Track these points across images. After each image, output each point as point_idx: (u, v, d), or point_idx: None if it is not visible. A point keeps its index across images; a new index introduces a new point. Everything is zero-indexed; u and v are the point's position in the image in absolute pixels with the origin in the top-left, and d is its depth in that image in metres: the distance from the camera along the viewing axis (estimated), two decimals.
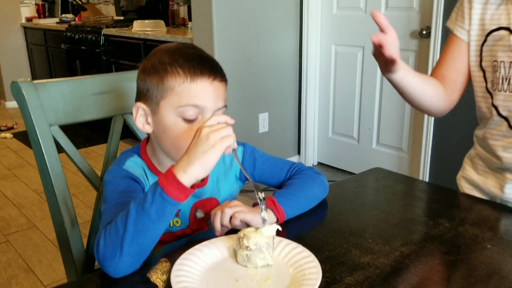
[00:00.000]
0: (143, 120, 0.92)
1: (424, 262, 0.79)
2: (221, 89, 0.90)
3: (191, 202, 0.98)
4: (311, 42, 3.10)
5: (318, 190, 0.98)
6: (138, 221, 0.73)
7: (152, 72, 0.88)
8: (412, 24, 2.59)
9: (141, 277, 0.75)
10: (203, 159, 0.73)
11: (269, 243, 0.76)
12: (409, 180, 1.21)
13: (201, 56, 0.90)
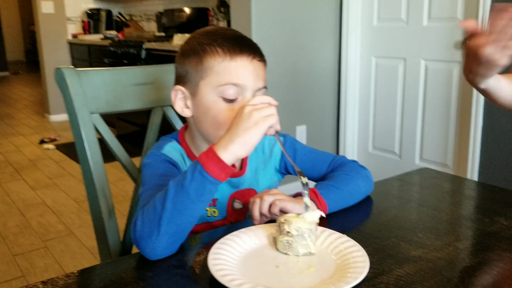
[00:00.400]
0: (182, 103, 0.90)
1: (481, 257, 0.72)
2: (261, 69, 0.89)
3: (229, 192, 0.94)
4: (351, 54, 3.06)
5: (363, 184, 0.93)
6: (177, 199, 0.71)
7: (191, 54, 0.87)
8: (455, 34, 2.51)
9: (177, 261, 0.72)
10: (245, 136, 0.71)
11: (312, 230, 0.71)
12: (459, 179, 1.14)
13: (240, 36, 0.89)
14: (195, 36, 0.90)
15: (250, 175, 0.97)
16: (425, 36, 2.68)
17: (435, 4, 2.60)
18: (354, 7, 2.99)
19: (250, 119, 0.71)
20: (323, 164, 0.98)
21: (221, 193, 0.94)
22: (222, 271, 0.65)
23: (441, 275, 0.66)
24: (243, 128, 0.71)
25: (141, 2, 5.14)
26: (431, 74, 2.70)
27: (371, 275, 0.66)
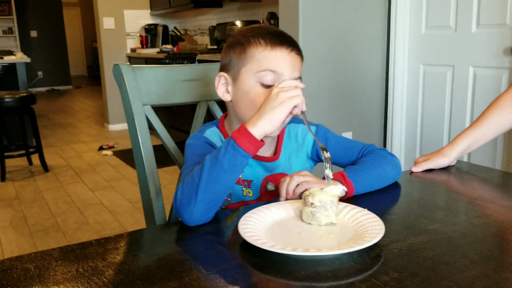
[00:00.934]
0: (224, 88, 1.00)
1: (495, 233, 0.76)
2: (298, 61, 0.98)
3: (263, 175, 1.03)
4: (399, 62, 3.07)
5: (390, 170, 0.98)
6: (212, 170, 0.80)
7: (236, 45, 0.98)
8: (505, 40, 2.48)
9: (212, 228, 0.81)
10: (272, 114, 0.80)
11: (334, 201, 0.78)
12: (490, 169, 1.16)
13: (281, 32, 0.99)
14: (242, 31, 1.01)
15: (283, 160, 1.05)
16: (473, 42, 2.66)
17: (483, 11, 2.58)
18: (402, 14, 3.01)
19: (277, 99, 0.81)
20: (353, 151, 1.04)
21: (256, 176, 1.03)
22: (250, 233, 0.73)
23: (452, 244, 0.71)
24: (270, 107, 0.81)
25: (196, 18, 5.38)
26: (479, 81, 2.67)
27: (386, 241, 0.72)
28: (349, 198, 0.90)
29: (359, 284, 0.60)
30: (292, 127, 1.08)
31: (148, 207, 1.10)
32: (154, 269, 0.66)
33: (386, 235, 0.73)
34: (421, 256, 0.67)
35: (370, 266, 0.65)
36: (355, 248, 0.67)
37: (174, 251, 0.75)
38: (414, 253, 0.68)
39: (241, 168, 0.82)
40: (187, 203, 0.80)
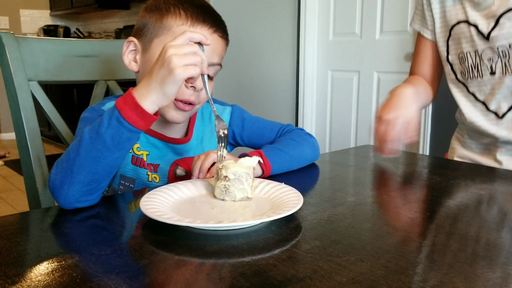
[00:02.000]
0: (132, 56, 0.87)
1: (413, 200, 0.73)
2: (220, 45, 0.87)
3: (172, 158, 0.92)
4: (308, 67, 3.12)
5: (308, 150, 0.93)
6: (92, 147, 0.66)
7: (154, 10, 0.85)
8: (406, 47, 2.62)
9: (95, 212, 0.69)
10: (163, 86, 0.65)
11: (249, 174, 0.70)
12: (406, 153, 1.17)
13: (209, 7, 0.87)
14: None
15: (195, 143, 0.95)
16: (377, 49, 2.78)
17: (386, 19, 2.71)
18: (310, 22, 3.07)
19: (168, 66, 0.65)
20: (271, 132, 0.98)
21: (164, 159, 0.92)
22: (153, 209, 0.63)
23: (373, 213, 0.67)
24: (161, 76, 0.65)
25: (101, 20, 5.12)
26: (383, 85, 2.79)
27: (305, 213, 0.66)
28: (265, 177, 0.83)
29: (280, 255, 0.53)
30: (205, 107, 0.98)
31: (33, 198, 0.95)
32: (28, 255, 0.54)
33: (304, 207, 0.67)
34: (341, 225, 0.62)
35: (290, 237, 0.58)
36: (273, 217, 0.59)
37: (50, 237, 0.62)
38: (334, 222, 0.63)
39: (129, 145, 0.69)
40: (60, 185, 0.66)
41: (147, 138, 0.91)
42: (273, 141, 0.96)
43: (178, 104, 0.84)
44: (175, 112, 0.85)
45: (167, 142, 0.92)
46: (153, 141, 0.91)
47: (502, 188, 0.80)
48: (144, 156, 0.90)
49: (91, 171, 0.67)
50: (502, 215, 0.69)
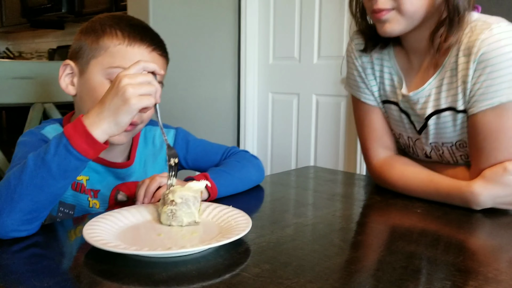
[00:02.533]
0: (69, 80, 0.85)
1: (358, 221, 0.76)
2: (160, 63, 0.85)
3: (113, 183, 0.90)
4: (249, 90, 3.17)
5: (254, 172, 0.94)
6: (36, 174, 0.63)
7: (89, 32, 0.83)
8: (342, 71, 2.73)
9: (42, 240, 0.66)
10: (116, 115, 0.65)
11: (197, 198, 0.70)
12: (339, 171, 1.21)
13: (146, 26, 0.86)
14: (101, 17, 0.86)
15: (138, 167, 0.93)
16: (315, 72, 2.87)
17: (323, 44, 2.82)
18: (251, 45, 3.13)
19: (123, 95, 0.64)
20: (216, 154, 0.98)
21: (105, 184, 0.89)
22: (97, 237, 0.61)
23: (319, 234, 0.69)
24: (115, 105, 0.65)
25: (33, 39, 4.93)
26: (321, 107, 2.88)
27: (253, 236, 0.66)
28: (212, 200, 0.83)
29: (230, 280, 0.53)
30: (148, 130, 0.97)
31: None
32: None
33: (253, 231, 0.67)
34: (290, 247, 0.63)
35: (240, 261, 0.58)
36: (222, 242, 0.59)
37: None
38: (283, 244, 0.64)
39: (75, 174, 0.67)
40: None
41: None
42: (219, 164, 0.96)
43: None
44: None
45: (108, 166, 0.89)
46: (94, 165, 0.88)
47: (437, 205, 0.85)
48: (84, 181, 0.87)
49: (33, 200, 0.64)
50: (437, 233, 0.73)
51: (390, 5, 0.82)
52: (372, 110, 0.98)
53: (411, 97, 0.89)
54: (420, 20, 0.84)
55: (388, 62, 0.94)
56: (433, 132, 0.90)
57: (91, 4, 3.55)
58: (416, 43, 0.89)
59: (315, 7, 2.83)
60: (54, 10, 3.71)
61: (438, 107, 0.87)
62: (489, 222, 0.77)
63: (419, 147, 0.95)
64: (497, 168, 0.79)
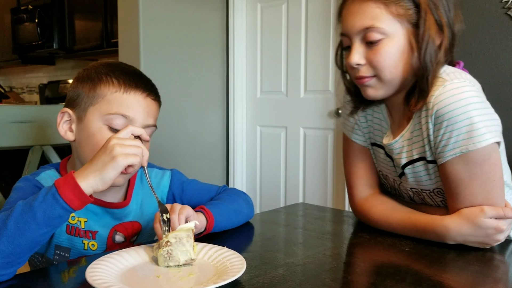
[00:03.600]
0: (67, 126, 0.89)
1: (346, 260, 0.80)
2: (154, 108, 0.91)
3: (111, 224, 0.93)
4: (238, 124, 3.23)
5: (245, 206, 1.00)
6: (21, 218, 0.67)
7: (86, 80, 0.88)
8: (329, 105, 2.80)
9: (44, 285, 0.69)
10: (103, 170, 0.71)
11: (190, 235, 0.73)
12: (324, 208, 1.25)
13: (140, 73, 0.92)
14: (95, 65, 0.91)
15: (135, 207, 0.96)
16: (302, 106, 2.94)
17: (310, 78, 2.90)
18: (239, 80, 3.21)
19: (111, 153, 0.71)
20: (209, 192, 1.03)
21: (102, 225, 0.92)
22: (100, 280, 0.64)
23: (311, 274, 0.72)
24: (102, 161, 0.71)
25: (23, 75, 4.97)
26: (309, 140, 2.94)
27: (248, 276, 0.70)
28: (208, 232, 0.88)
29: None
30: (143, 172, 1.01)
31: None
32: None
33: (247, 271, 0.71)
34: (283, 287, 0.66)
35: None
36: (219, 284, 0.62)
37: None
38: (276, 285, 0.67)
39: (58, 223, 0.71)
40: None
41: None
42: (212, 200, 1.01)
43: None
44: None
45: (106, 207, 0.93)
46: (92, 207, 0.91)
47: (423, 243, 0.89)
48: (82, 223, 0.90)
49: (14, 243, 0.67)
50: (422, 272, 0.77)
51: (370, 73, 0.89)
52: (360, 150, 1.04)
53: (388, 146, 0.96)
54: (399, 85, 0.90)
55: (378, 108, 1.00)
56: (411, 180, 0.95)
57: (82, 40, 3.63)
58: (394, 101, 0.96)
59: (301, 42, 2.93)
60: (45, 46, 3.78)
61: (411, 157, 0.92)
62: (477, 261, 0.81)
63: (403, 190, 0.99)
64: (475, 208, 0.84)
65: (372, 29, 0.86)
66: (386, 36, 0.86)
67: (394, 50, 0.86)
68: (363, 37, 0.88)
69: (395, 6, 0.85)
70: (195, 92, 3.01)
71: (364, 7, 0.87)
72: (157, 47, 2.75)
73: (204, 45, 3.05)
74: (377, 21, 0.86)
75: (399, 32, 0.86)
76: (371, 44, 0.87)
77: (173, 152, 2.90)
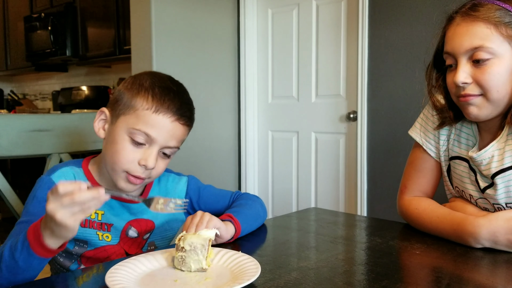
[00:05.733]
0: (101, 124, 0.93)
1: (359, 263, 0.81)
2: (181, 131, 0.92)
3: (127, 219, 0.96)
4: (249, 129, 3.25)
5: (261, 210, 1.03)
6: (10, 266, 0.74)
7: (129, 88, 0.91)
8: (340, 109, 2.81)
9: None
10: (58, 234, 0.71)
11: (205, 246, 0.75)
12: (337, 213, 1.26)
13: (179, 92, 0.93)
14: (144, 74, 0.94)
15: None
16: (314, 111, 2.96)
17: (321, 83, 2.91)
18: (250, 86, 3.23)
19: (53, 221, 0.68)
20: (225, 197, 1.07)
21: (119, 219, 0.95)
22: (120, 285, 0.66)
23: (323, 277, 0.73)
24: (51, 228, 0.70)
25: (36, 82, 5.05)
26: (320, 144, 2.95)
27: (262, 280, 0.71)
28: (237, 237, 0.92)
29: None
30: (162, 175, 1.03)
31: None
32: None
33: (261, 275, 0.72)
34: None
35: None
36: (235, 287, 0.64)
37: None
38: None
39: (41, 266, 0.76)
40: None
41: None
42: (230, 206, 1.03)
43: (129, 177, 0.90)
44: (125, 183, 0.91)
45: (123, 201, 0.95)
46: (109, 201, 0.94)
47: (435, 246, 0.90)
48: (99, 216, 0.94)
49: (12, 281, 0.75)
50: (435, 274, 0.78)
51: (477, 91, 0.90)
52: (427, 159, 1.07)
53: (476, 157, 0.95)
54: (504, 106, 0.91)
55: (468, 124, 1.01)
56: (501, 191, 0.93)
57: (95, 47, 3.68)
58: (488, 123, 0.96)
59: (312, 47, 2.95)
60: (58, 54, 3.84)
61: (502, 166, 0.92)
62: (487, 259, 0.82)
63: (481, 206, 0.99)
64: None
65: (481, 49, 0.88)
66: (494, 56, 0.88)
67: (502, 70, 0.88)
68: (470, 56, 0.90)
69: (505, 28, 0.87)
70: (207, 97, 3.04)
71: (475, 27, 0.89)
72: (169, 53, 2.78)
73: (215, 51, 3.08)
74: (487, 41, 0.87)
75: (508, 53, 0.88)
76: (478, 64, 0.89)
77: (186, 157, 2.93)
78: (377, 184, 2.59)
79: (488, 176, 0.95)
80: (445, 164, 1.05)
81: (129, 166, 0.88)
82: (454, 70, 0.92)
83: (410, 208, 1.03)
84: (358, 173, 2.66)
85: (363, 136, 2.63)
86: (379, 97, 2.47)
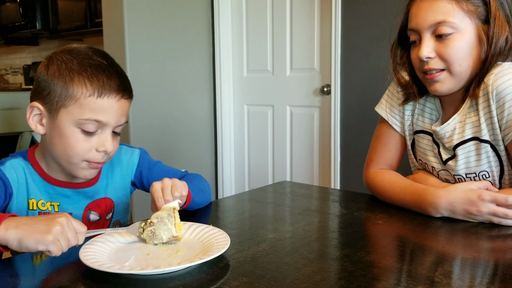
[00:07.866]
0: (37, 120, 0.88)
1: (323, 233, 0.85)
2: (126, 106, 0.90)
3: (84, 204, 0.96)
4: (225, 102, 3.25)
5: (208, 188, 1.06)
6: None
7: (57, 76, 0.84)
8: (314, 83, 2.84)
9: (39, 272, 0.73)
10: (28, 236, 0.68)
11: (171, 214, 0.77)
12: (310, 186, 1.30)
13: (111, 68, 0.88)
14: (64, 57, 0.86)
15: (104, 183, 0.99)
16: (289, 85, 2.98)
17: (295, 57, 2.92)
18: (225, 59, 3.22)
19: (49, 228, 0.68)
20: (174, 175, 1.05)
21: (75, 206, 0.95)
22: (93, 259, 0.68)
23: (290, 248, 0.77)
24: (37, 228, 0.68)
25: (7, 56, 4.91)
26: (295, 118, 2.99)
27: (232, 252, 0.75)
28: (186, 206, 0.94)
29: None
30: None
31: None
32: None
33: (232, 247, 0.76)
34: (265, 261, 0.71)
35: (220, 275, 0.67)
36: (205, 259, 0.67)
37: None
38: (258, 259, 0.72)
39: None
40: None
41: (55, 189, 0.93)
42: None
43: (91, 164, 0.89)
44: (88, 171, 0.90)
45: (77, 188, 0.95)
46: (63, 191, 0.94)
47: (397, 216, 0.95)
48: (56, 208, 0.93)
49: None
50: (395, 242, 0.83)
51: (440, 66, 0.94)
52: (393, 134, 1.11)
53: (439, 131, 1.00)
54: (466, 80, 0.95)
55: (431, 99, 1.05)
56: (461, 162, 0.98)
57: (65, 20, 3.59)
58: (451, 96, 1.00)
59: (286, 21, 2.94)
60: (28, 27, 3.73)
61: (463, 138, 0.97)
62: (446, 228, 0.87)
63: (442, 177, 1.04)
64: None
65: (444, 24, 0.92)
66: (456, 30, 0.92)
67: (464, 44, 0.92)
68: (433, 31, 0.93)
69: (466, 3, 0.91)
70: (182, 72, 3.02)
71: (438, 3, 0.93)
72: (142, 26, 2.74)
73: (189, 24, 3.05)
74: (449, 16, 0.91)
75: (469, 28, 0.92)
76: (441, 38, 0.93)
77: (161, 132, 2.93)
78: (350, 156, 2.65)
79: (450, 148, 1.00)
80: (409, 138, 1.10)
81: (88, 155, 0.86)
82: (418, 46, 0.96)
83: (376, 180, 1.07)
84: (331, 146, 2.71)
85: (336, 109, 2.67)
86: (352, 71, 2.50)
